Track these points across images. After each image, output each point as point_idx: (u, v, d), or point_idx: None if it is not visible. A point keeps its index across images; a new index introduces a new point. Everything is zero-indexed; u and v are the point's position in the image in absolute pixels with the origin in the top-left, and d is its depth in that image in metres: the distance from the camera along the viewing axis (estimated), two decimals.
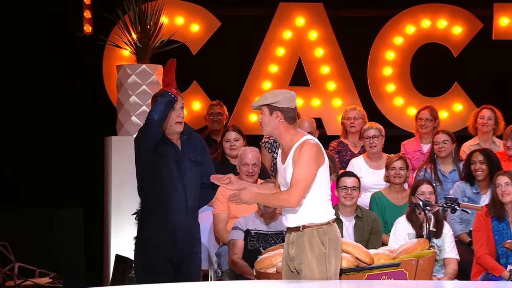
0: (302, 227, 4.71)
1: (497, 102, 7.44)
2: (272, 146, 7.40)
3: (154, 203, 5.08)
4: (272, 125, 4.73)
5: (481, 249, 6.15)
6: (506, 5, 8.53)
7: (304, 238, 4.70)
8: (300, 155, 4.63)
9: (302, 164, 4.61)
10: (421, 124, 7.33)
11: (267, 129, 4.75)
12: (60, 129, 8.13)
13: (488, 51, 8.54)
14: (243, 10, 8.51)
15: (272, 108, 4.72)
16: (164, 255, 5.04)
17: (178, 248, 5.06)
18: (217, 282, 5.50)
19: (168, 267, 5.05)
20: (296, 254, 4.73)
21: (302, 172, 4.61)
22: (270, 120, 4.72)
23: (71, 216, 7.71)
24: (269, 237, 6.09)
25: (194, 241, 5.17)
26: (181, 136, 5.14)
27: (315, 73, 8.54)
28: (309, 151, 4.64)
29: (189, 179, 5.09)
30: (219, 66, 8.42)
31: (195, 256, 5.16)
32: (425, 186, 6.17)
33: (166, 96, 5.00)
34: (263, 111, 4.74)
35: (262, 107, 4.74)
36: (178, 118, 5.08)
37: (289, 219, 4.75)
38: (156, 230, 5.05)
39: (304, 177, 4.61)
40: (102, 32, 7.72)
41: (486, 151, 6.69)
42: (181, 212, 5.06)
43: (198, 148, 5.19)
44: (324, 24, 8.51)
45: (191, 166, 5.11)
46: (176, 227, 5.05)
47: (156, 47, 7.11)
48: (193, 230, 5.16)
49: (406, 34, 8.58)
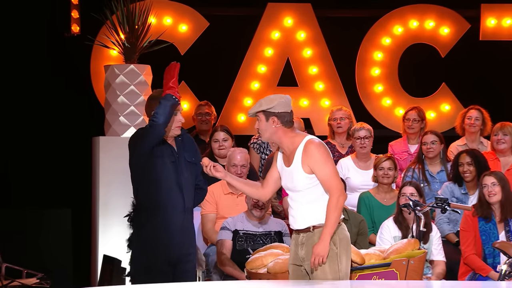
0: (313, 227, 4.71)
1: (484, 103, 7.47)
2: (261, 146, 7.40)
3: (152, 204, 5.07)
4: (270, 131, 4.73)
5: (468, 249, 6.17)
6: (493, 5, 8.57)
7: (315, 239, 4.69)
8: (312, 157, 4.65)
9: (321, 164, 4.65)
10: (409, 124, 7.35)
11: (265, 135, 4.76)
12: (48, 129, 8.10)
13: (476, 52, 8.57)
14: (231, 10, 8.50)
15: (268, 114, 4.72)
16: (162, 256, 5.04)
17: (176, 248, 5.06)
18: (221, 282, 5.48)
19: (166, 267, 5.05)
20: (306, 255, 4.72)
21: (326, 169, 4.66)
22: (267, 126, 4.73)
23: (59, 217, 7.68)
24: (258, 237, 6.10)
25: (190, 241, 5.16)
26: (175, 137, 5.14)
27: (303, 74, 8.55)
28: (318, 150, 4.67)
29: (185, 179, 5.09)
30: (208, 66, 8.41)
31: (191, 257, 5.16)
32: (407, 188, 6.19)
33: (170, 100, 5.00)
34: (259, 118, 4.74)
35: (258, 113, 4.73)
36: (179, 123, 5.09)
37: (298, 221, 4.75)
38: (155, 231, 5.04)
39: (330, 172, 4.66)
40: (90, 32, 7.69)
41: (474, 152, 6.72)
42: (179, 212, 5.06)
43: (193, 149, 5.19)
44: (312, 25, 8.52)
45: (187, 166, 5.11)
46: (174, 228, 5.05)
47: (144, 47, 7.09)
48: (190, 230, 5.16)
49: (394, 34, 8.60)
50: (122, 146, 6.62)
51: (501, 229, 6.19)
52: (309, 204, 4.72)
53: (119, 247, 6.65)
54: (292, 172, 4.71)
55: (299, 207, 4.75)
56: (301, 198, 4.73)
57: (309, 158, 4.66)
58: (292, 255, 4.83)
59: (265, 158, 7.29)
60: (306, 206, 4.72)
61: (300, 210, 4.73)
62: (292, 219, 4.79)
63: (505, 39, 8.56)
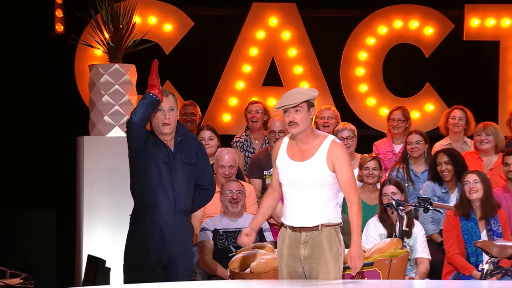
0: (321, 226, 4.68)
1: (468, 103, 7.51)
2: (244, 145, 7.41)
3: (143, 204, 5.07)
4: (309, 121, 4.68)
5: (452, 248, 6.20)
6: (477, 6, 8.61)
7: (322, 237, 4.66)
8: (339, 156, 4.63)
9: (346, 165, 4.66)
10: (393, 124, 7.38)
11: (303, 126, 4.66)
12: (32, 128, 8.06)
13: (459, 52, 8.61)
14: (216, 10, 8.50)
15: (310, 104, 4.68)
16: (152, 257, 5.03)
17: (167, 249, 5.04)
18: (215, 282, 5.47)
19: (156, 268, 5.03)
20: (310, 254, 4.67)
21: (350, 172, 4.68)
22: (307, 116, 4.66)
23: (43, 217, 7.65)
24: (238, 234, 6.08)
25: (184, 243, 5.12)
26: (175, 137, 5.12)
27: (288, 73, 8.56)
28: (345, 151, 4.70)
29: (179, 181, 5.06)
30: (192, 66, 8.40)
31: (185, 259, 5.13)
32: (387, 187, 6.21)
33: (148, 97, 4.99)
34: (302, 108, 4.63)
35: (302, 103, 4.63)
36: (165, 120, 5.06)
37: (307, 219, 4.68)
38: (145, 231, 5.03)
39: (352, 175, 4.70)
40: (74, 31, 7.66)
41: (451, 151, 6.76)
42: (169, 214, 5.04)
43: (193, 150, 5.15)
44: (297, 24, 8.53)
45: (183, 168, 5.08)
46: (164, 229, 5.03)
47: (128, 47, 7.07)
48: (183, 232, 5.12)
49: (379, 34, 8.62)
50: (106, 146, 6.64)
51: (483, 228, 6.22)
52: (322, 202, 4.67)
53: (103, 247, 6.65)
54: (311, 166, 4.65)
55: (311, 204, 4.67)
56: (313, 196, 4.66)
57: (335, 156, 4.63)
58: (286, 256, 4.73)
59: (249, 156, 7.30)
60: (319, 204, 4.67)
61: (311, 207, 4.66)
62: (299, 217, 4.69)
63: (488, 39, 8.60)
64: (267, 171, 6.96)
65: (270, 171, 6.96)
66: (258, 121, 7.37)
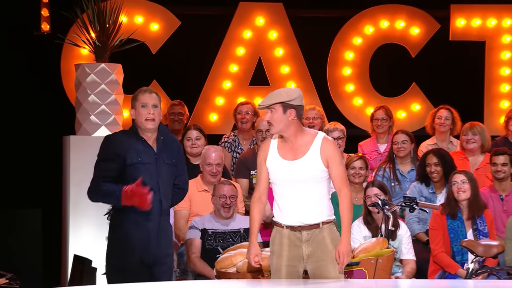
0: (321, 223, 4.71)
1: (454, 103, 7.54)
2: (231, 145, 7.41)
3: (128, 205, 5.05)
4: (285, 123, 4.71)
5: (437, 247, 6.23)
6: (463, 6, 8.64)
7: (324, 234, 4.69)
8: (331, 152, 4.70)
9: (338, 160, 4.73)
10: (377, 124, 7.40)
11: (279, 127, 4.73)
12: (18, 128, 8.02)
13: (445, 52, 8.64)
14: (203, 9, 8.49)
15: (286, 106, 4.71)
16: (137, 257, 5.02)
17: (152, 250, 5.04)
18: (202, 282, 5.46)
19: (141, 268, 5.03)
20: (313, 252, 4.69)
21: (342, 167, 4.77)
22: (283, 118, 4.71)
23: (29, 216, 7.62)
24: (227, 235, 6.09)
25: (167, 242, 5.14)
26: (157, 138, 5.12)
27: (275, 73, 8.56)
28: (336, 147, 4.78)
29: (163, 180, 5.07)
30: (179, 65, 8.39)
31: (168, 258, 5.14)
32: (370, 189, 6.22)
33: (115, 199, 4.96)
34: (274, 109, 4.71)
35: (274, 105, 4.71)
36: (148, 115, 5.05)
37: (308, 217, 4.71)
38: (130, 231, 5.02)
39: (344, 170, 4.81)
40: (60, 30, 7.63)
41: (440, 151, 6.78)
42: (155, 214, 5.04)
43: (173, 150, 5.16)
44: (284, 24, 8.53)
45: (165, 168, 5.09)
46: (150, 229, 5.03)
47: (115, 46, 7.05)
48: (166, 231, 5.13)
49: (365, 34, 8.64)
50: (93, 145, 6.57)
51: (469, 227, 6.25)
52: (319, 198, 4.71)
53: (89, 247, 6.64)
54: (306, 164, 4.69)
55: (308, 202, 4.70)
56: (310, 193, 4.70)
57: (328, 153, 4.69)
58: (287, 255, 4.73)
59: (236, 156, 7.29)
60: (316, 200, 4.70)
61: (308, 205, 4.69)
62: (298, 216, 4.70)
63: (474, 39, 8.64)
64: (254, 170, 6.96)
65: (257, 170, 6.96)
66: (248, 122, 7.37)
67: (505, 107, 8.37)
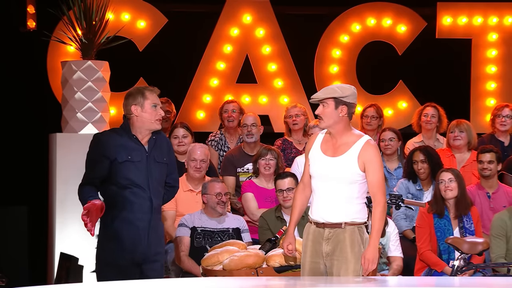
0: (344, 224, 4.69)
1: (440, 100, 7.57)
2: (218, 144, 7.41)
3: (118, 203, 5.04)
4: (335, 119, 4.70)
5: (424, 245, 6.25)
6: (449, 4, 8.67)
7: (345, 235, 4.68)
8: (371, 157, 4.66)
9: (377, 167, 4.68)
10: (367, 121, 7.42)
11: (328, 122, 4.71)
12: (4, 125, 7.99)
13: (432, 50, 8.67)
14: (190, 6, 8.48)
15: (339, 102, 4.69)
16: (127, 255, 5.02)
17: (143, 248, 5.04)
18: (193, 279, 5.47)
19: (131, 266, 5.02)
20: (332, 251, 4.68)
21: (380, 174, 4.71)
22: (334, 113, 4.69)
23: (15, 214, 7.60)
24: (216, 234, 6.10)
25: (158, 240, 5.14)
26: (150, 137, 5.12)
27: (262, 70, 8.56)
28: (377, 153, 4.72)
29: (153, 179, 5.07)
30: (166, 62, 8.37)
31: (159, 256, 5.14)
32: None
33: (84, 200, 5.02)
34: (327, 104, 4.69)
35: (327, 99, 4.69)
36: (158, 116, 5.06)
37: (331, 215, 4.69)
38: (121, 229, 5.02)
39: (382, 178, 4.72)
40: (47, 27, 7.61)
41: (427, 149, 6.80)
42: (145, 212, 5.04)
43: (164, 149, 5.16)
44: (271, 22, 8.53)
45: (156, 166, 5.09)
46: (140, 227, 5.03)
47: (102, 43, 7.03)
48: (157, 229, 5.13)
49: (352, 32, 8.65)
50: (79, 143, 6.60)
51: (455, 226, 6.27)
52: (349, 200, 4.68)
53: (76, 244, 6.62)
54: (342, 163, 4.67)
55: (337, 201, 4.69)
56: (340, 192, 4.68)
57: (367, 157, 4.65)
58: (310, 251, 4.74)
59: (223, 155, 7.29)
60: (344, 200, 4.68)
61: (336, 203, 4.68)
62: (322, 212, 4.71)
63: (460, 37, 8.66)
64: (241, 168, 6.96)
65: (243, 168, 6.97)
66: (234, 120, 7.37)
67: (491, 105, 8.40)
